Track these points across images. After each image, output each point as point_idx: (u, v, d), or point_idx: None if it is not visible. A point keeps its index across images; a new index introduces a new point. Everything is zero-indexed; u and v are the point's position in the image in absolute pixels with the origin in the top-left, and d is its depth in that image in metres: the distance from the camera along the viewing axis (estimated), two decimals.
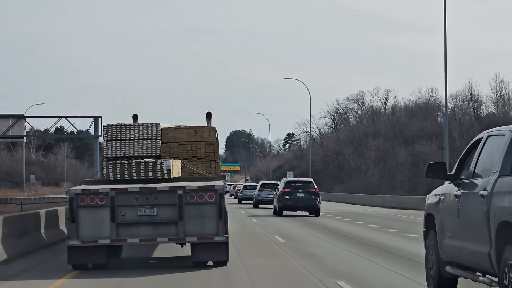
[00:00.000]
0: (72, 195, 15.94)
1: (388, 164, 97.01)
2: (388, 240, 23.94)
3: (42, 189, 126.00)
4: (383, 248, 20.86)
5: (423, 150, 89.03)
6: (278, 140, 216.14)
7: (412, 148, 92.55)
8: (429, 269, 11.87)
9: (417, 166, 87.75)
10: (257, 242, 23.52)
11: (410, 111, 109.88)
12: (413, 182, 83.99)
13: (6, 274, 15.49)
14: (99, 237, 15.85)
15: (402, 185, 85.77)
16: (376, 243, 22.52)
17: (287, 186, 42.05)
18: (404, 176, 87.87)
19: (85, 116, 55.15)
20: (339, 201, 77.69)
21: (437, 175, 11.28)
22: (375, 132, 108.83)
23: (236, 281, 14.39)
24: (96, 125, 52.44)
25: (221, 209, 15.96)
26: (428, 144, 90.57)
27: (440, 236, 11.24)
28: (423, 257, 12.37)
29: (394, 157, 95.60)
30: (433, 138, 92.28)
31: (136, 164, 17.43)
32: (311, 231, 28.55)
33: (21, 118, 52.71)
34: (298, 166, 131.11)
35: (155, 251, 20.91)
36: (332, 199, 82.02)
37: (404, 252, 19.60)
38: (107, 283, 14.50)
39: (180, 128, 20.35)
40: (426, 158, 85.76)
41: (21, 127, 52.68)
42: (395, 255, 18.95)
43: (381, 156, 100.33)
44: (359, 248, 21.02)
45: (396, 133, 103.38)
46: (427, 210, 12.02)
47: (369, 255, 18.95)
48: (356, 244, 22.38)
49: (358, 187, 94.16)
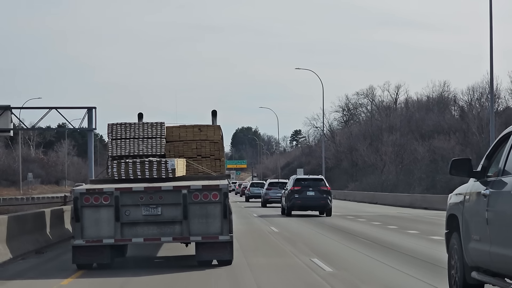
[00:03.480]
0: (77, 194, 16.49)
1: (406, 161, 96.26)
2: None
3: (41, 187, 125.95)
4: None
5: (442, 145, 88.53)
6: (285, 137, 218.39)
7: (429, 143, 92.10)
8: (452, 275, 11.40)
9: (435, 162, 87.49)
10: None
11: (425, 105, 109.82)
12: (432, 179, 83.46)
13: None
14: (104, 237, 16.43)
15: (420, 182, 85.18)
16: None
17: (296, 184, 41.31)
18: (422, 173, 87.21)
19: (78, 108, 51.64)
20: (357, 200, 73.98)
21: (461, 173, 10.83)
22: (390, 127, 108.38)
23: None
24: (90, 117, 48.94)
25: (226, 208, 16.55)
26: (446, 139, 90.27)
27: (465, 239, 10.82)
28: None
29: (411, 153, 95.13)
30: (450, 133, 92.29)
31: (141, 163, 18.12)
32: (347, 242, 23.29)
33: (7, 109, 48.70)
34: (307, 163, 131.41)
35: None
36: (348, 198, 78.99)
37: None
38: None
39: (185, 127, 21.09)
40: (444, 154, 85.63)
41: (7, 119, 48.76)
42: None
43: (397, 151, 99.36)
44: (393, 258, 18.61)
45: (411, 128, 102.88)
46: (449, 211, 11.62)
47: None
48: (401, 257, 18.85)
49: (374, 184, 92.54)
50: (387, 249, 21.10)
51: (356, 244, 22.60)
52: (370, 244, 22.60)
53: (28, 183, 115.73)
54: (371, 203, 66.67)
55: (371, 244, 22.76)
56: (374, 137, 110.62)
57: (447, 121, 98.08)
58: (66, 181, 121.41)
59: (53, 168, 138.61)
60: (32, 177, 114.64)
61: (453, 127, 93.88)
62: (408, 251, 20.37)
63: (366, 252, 20.27)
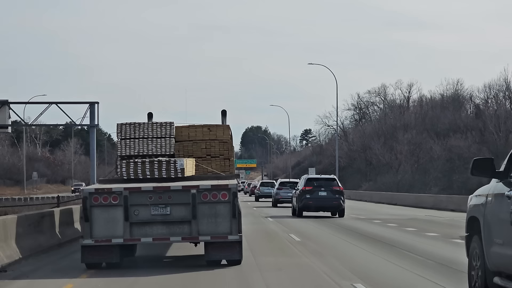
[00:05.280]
0: (86, 194, 16.87)
1: (422, 160, 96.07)
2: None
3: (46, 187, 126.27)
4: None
5: (458, 144, 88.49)
6: (295, 136, 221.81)
7: (446, 142, 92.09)
8: (473, 280, 11.24)
9: (451, 161, 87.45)
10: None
11: (439, 104, 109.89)
12: (448, 179, 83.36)
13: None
14: (113, 236, 16.81)
15: (436, 182, 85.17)
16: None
17: (308, 184, 40.87)
18: (439, 172, 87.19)
19: (79, 102, 49.51)
20: (374, 201, 71.24)
21: (483, 173, 10.67)
22: (404, 125, 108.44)
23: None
24: (93, 113, 47.03)
25: (235, 208, 16.91)
26: (462, 137, 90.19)
27: (486, 242, 10.62)
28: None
29: (427, 151, 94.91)
30: (466, 131, 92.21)
31: (150, 163, 18.56)
32: (388, 255, 19.29)
33: (4, 104, 46.82)
34: (319, 162, 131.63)
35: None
36: (364, 198, 77.01)
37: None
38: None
39: (194, 127, 21.50)
40: (461, 152, 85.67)
41: (5, 115, 46.77)
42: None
43: (413, 150, 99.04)
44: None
45: (426, 126, 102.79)
46: (470, 213, 11.43)
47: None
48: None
49: (389, 184, 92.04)
50: (446, 267, 16.93)
51: (403, 260, 18.34)
52: (421, 261, 18.14)
53: (33, 182, 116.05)
54: (389, 204, 64.36)
55: (422, 260, 18.31)
56: (388, 135, 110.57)
57: (463, 119, 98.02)
58: (72, 181, 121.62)
59: (60, 167, 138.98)
60: (37, 176, 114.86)
61: (469, 125, 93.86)
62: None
63: (421, 272, 16.01)
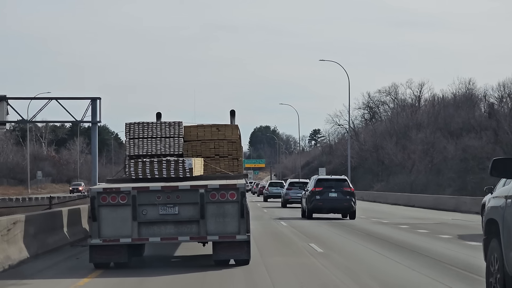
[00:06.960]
0: (94, 194, 17.20)
1: (435, 159, 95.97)
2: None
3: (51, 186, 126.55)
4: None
5: (473, 143, 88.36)
6: (304, 136, 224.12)
7: (460, 141, 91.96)
8: (492, 284, 11.06)
9: (465, 161, 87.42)
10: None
11: (452, 103, 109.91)
12: (463, 179, 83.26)
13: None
14: (121, 236, 17.13)
15: (450, 183, 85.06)
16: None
17: (318, 185, 40.64)
18: (453, 173, 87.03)
19: (80, 98, 47.14)
20: (389, 203, 69.31)
21: (504, 173, 10.53)
22: (417, 124, 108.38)
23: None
24: (94, 109, 44.99)
25: (243, 208, 17.25)
26: (476, 137, 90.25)
27: (506, 246, 10.39)
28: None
29: (441, 151, 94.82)
30: (480, 131, 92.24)
31: (158, 163, 18.94)
32: (430, 271, 16.46)
33: (2, 100, 44.92)
34: (328, 162, 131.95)
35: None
36: (378, 200, 75.71)
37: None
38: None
39: (203, 126, 21.87)
40: (475, 152, 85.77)
41: (3, 111, 44.69)
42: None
43: (426, 150, 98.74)
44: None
45: (439, 126, 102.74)
46: (488, 215, 11.26)
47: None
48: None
49: (402, 185, 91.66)
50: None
51: (447, 277, 15.59)
52: (469, 278, 15.59)
53: (37, 182, 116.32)
54: (407, 205, 62.56)
55: (471, 277, 15.70)
56: (400, 134, 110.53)
57: (476, 119, 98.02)
58: (78, 180, 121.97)
59: (65, 166, 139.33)
60: (41, 176, 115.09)
61: (483, 125, 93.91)
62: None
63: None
